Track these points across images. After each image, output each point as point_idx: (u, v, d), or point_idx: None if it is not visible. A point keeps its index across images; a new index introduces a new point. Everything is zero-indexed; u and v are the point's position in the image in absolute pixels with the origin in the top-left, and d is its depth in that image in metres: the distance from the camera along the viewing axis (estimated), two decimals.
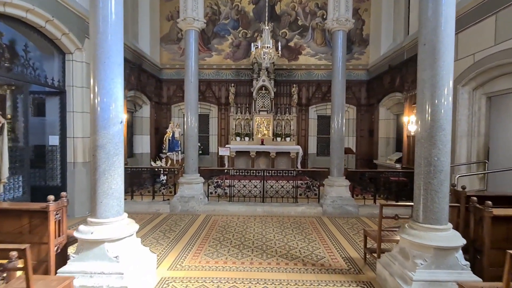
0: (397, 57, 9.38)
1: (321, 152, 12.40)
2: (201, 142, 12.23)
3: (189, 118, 7.67)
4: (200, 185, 7.70)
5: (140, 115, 10.86)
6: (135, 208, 7.48)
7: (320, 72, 11.90)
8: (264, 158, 11.24)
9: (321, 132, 12.37)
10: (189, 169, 7.67)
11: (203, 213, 7.36)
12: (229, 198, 7.82)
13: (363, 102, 11.88)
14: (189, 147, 7.68)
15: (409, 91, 8.44)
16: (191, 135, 7.68)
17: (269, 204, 7.59)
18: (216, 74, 11.99)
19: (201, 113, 12.21)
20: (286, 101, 11.94)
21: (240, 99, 11.94)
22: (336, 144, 7.59)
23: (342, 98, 7.58)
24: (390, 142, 10.60)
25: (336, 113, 7.58)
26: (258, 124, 11.42)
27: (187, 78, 7.65)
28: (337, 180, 7.53)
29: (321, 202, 7.61)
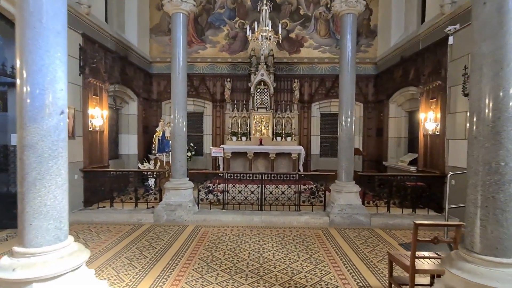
0: (411, 48, 8.43)
1: (325, 153, 11.44)
2: (195, 142, 11.30)
3: (177, 115, 6.70)
4: (189, 191, 6.73)
5: (126, 112, 9.90)
6: (114, 218, 6.51)
7: (324, 66, 10.95)
8: (262, 160, 10.27)
9: (325, 131, 11.41)
10: (176, 172, 6.71)
11: (192, 223, 6.39)
12: (223, 206, 6.86)
13: (370, 98, 10.92)
14: (177, 148, 6.71)
15: (426, 84, 7.48)
16: (178, 134, 6.72)
17: (267, 213, 6.63)
18: (211, 68, 11.03)
19: (195, 111, 11.30)
20: (287, 97, 10.99)
21: (236, 95, 10.99)
22: (345, 144, 6.64)
23: (352, 92, 6.62)
24: (401, 142, 9.64)
25: (345, 110, 6.62)
26: (256, 123, 10.46)
27: (174, 70, 6.68)
28: (346, 186, 6.57)
29: (327, 211, 6.65)
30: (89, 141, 7.13)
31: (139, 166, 9.54)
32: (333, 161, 11.15)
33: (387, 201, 6.80)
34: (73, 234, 5.52)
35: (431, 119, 7.19)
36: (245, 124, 10.64)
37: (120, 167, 9.42)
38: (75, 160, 6.67)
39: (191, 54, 10.93)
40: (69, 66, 6.77)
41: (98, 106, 7.49)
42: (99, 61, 7.49)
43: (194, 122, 11.51)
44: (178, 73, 6.66)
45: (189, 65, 10.92)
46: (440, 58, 6.96)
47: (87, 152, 7.03)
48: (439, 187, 6.78)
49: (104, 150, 7.83)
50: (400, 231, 6.02)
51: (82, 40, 6.90)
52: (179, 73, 6.67)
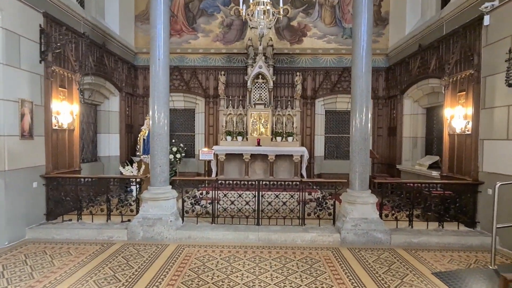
0: (431, 34, 7.30)
1: (330, 155, 10.31)
2: (186, 143, 10.19)
3: (156, 110, 5.57)
4: (171, 201, 5.59)
5: (106, 108, 8.75)
6: (79, 235, 5.37)
7: (329, 58, 9.82)
8: (260, 162, 9.13)
9: (330, 131, 10.28)
10: (156, 179, 5.57)
11: (174, 242, 5.26)
12: (212, 219, 5.72)
13: (381, 94, 9.80)
14: (156, 150, 5.57)
15: (453, 75, 6.36)
16: (158, 133, 5.59)
17: (266, 228, 5.50)
18: (203, 60, 9.89)
19: (185, 108, 10.19)
20: (288, 92, 9.86)
21: (231, 90, 9.85)
22: (359, 146, 5.51)
23: (367, 85, 5.50)
24: (418, 143, 8.52)
25: (359, 106, 5.51)
26: (254, 121, 9.33)
27: (153, 55, 5.54)
28: (360, 196, 5.45)
29: (337, 226, 5.52)
30: (53, 142, 5.99)
31: (121, 170, 8.41)
32: (339, 164, 10.07)
33: (409, 214, 5.68)
34: (21, 259, 4.41)
35: (459, 115, 6.06)
36: (241, 122, 9.51)
37: (98, 171, 8.29)
38: (34, 164, 5.53)
39: (181, 45, 9.81)
40: (26, 50, 5.37)
41: (67, 100, 6.35)
42: (67, 47, 6.35)
43: (184, 120, 10.40)
44: (158, 59, 5.52)
45: (179, 57, 9.85)
46: (472, 42, 5.84)
47: (50, 154, 5.89)
48: (471, 197, 5.66)
49: (75, 152, 6.68)
50: (428, 253, 4.89)
51: (44, 20, 5.75)
52: (160, 59, 5.53)
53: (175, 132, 10.31)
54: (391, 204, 5.77)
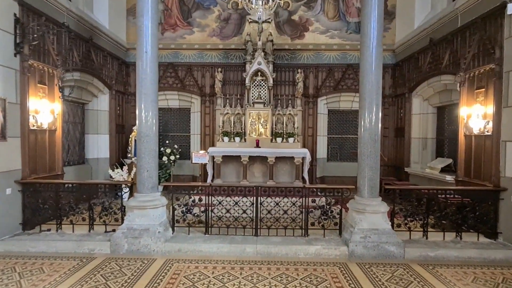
0: (444, 27, 6.76)
1: (333, 157, 9.77)
2: (180, 144, 9.65)
3: (144, 109, 5.03)
4: (159, 210, 5.04)
5: (95, 107, 8.20)
6: (57, 247, 4.82)
7: (332, 54, 9.27)
8: (259, 165, 8.58)
9: (333, 131, 9.74)
10: (143, 185, 5.02)
11: (162, 255, 4.70)
12: (206, 229, 5.17)
13: (387, 92, 9.25)
14: (143, 153, 5.02)
15: (470, 70, 5.81)
16: (146, 134, 5.03)
17: (265, 240, 4.95)
18: (199, 56, 9.34)
19: (180, 107, 9.65)
20: (289, 90, 9.32)
21: (229, 88, 9.31)
22: (368, 148, 4.96)
23: (377, 82, 4.95)
24: (428, 144, 7.97)
25: (368, 103, 4.95)
26: (253, 121, 8.78)
27: (140, 47, 5.01)
28: (370, 204, 4.89)
29: (344, 237, 4.96)
30: (31, 144, 5.45)
31: (110, 173, 7.86)
32: (342, 166, 9.53)
33: (423, 223, 5.13)
34: None
35: (478, 115, 5.51)
36: (239, 122, 8.96)
37: (86, 175, 7.75)
38: (7, 168, 4.99)
39: (175, 40, 9.27)
40: None
41: (47, 98, 5.80)
42: (47, 40, 5.80)
43: (179, 120, 9.86)
44: (146, 52, 4.98)
45: (174, 53, 9.30)
46: (492, 34, 5.29)
47: (28, 157, 5.34)
48: (492, 205, 5.11)
49: (57, 155, 6.14)
50: (448, 269, 4.35)
51: (20, 9, 5.21)
52: (147, 52, 4.99)
53: (169, 133, 9.77)
54: (403, 213, 5.22)
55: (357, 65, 9.32)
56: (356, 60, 9.22)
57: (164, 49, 9.24)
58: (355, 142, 9.69)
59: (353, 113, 9.67)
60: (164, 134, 9.77)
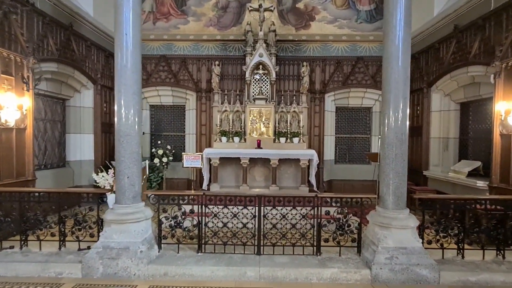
0: (472, 11, 5.92)
1: (341, 158, 8.93)
2: (174, 144, 8.83)
3: (123, 105, 4.20)
4: (142, 224, 4.19)
5: (77, 104, 7.35)
6: (18, 270, 3.97)
7: (341, 46, 8.44)
8: (261, 168, 7.75)
9: (342, 130, 8.91)
10: (122, 195, 4.17)
11: (145, 281, 3.86)
12: (198, 247, 4.33)
13: None
14: (123, 156, 4.18)
15: (508, 58, 4.97)
16: (126, 134, 4.20)
17: (269, 260, 4.11)
18: (194, 48, 8.50)
19: (174, 104, 8.82)
20: (293, 86, 8.48)
21: (227, 83, 8.47)
22: (393, 151, 4.12)
23: (405, 69, 4.10)
24: (449, 145, 7.13)
25: (393, 97, 4.12)
26: (253, 119, 7.94)
27: (119, 30, 4.18)
28: (396, 217, 4.06)
29: (365, 257, 4.12)
30: None
31: (94, 177, 7.02)
32: (352, 169, 8.69)
33: (458, 239, 4.29)
34: None
35: None
36: (238, 120, 8.12)
37: (66, 179, 6.90)
38: None
39: (168, 30, 8.43)
40: None
41: (14, 91, 4.96)
42: (13, 23, 4.96)
43: (173, 118, 9.03)
44: (125, 34, 4.14)
45: (166, 45, 8.47)
46: None
47: None
48: None
49: (27, 157, 5.29)
50: None
51: None
52: (127, 34, 4.15)
53: (162, 132, 8.94)
54: (434, 227, 4.37)
55: (368, 58, 8.57)
56: (367, 52, 8.41)
57: (156, 40, 8.42)
58: (365, 142, 8.88)
59: (363, 110, 8.86)
60: (157, 134, 8.94)
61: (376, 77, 8.35)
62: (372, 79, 8.34)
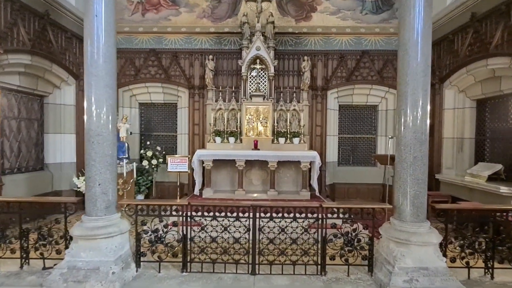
0: None
1: (345, 160, 8.31)
2: (166, 145, 8.22)
3: (94, 99, 3.55)
4: (116, 240, 3.56)
5: (57, 101, 6.72)
6: None
7: (345, 39, 7.81)
8: (258, 171, 7.13)
9: (345, 130, 8.28)
10: (93, 205, 3.55)
11: None
12: (183, 265, 3.71)
13: None
14: (93, 160, 3.55)
15: None
16: (97, 134, 3.56)
17: (266, 282, 3.49)
18: (187, 41, 7.88)
19: (165, 102, 8.23)
20: (293, 82, 7.86)
21: (222, 80, 7.85)
22: (411, 153, 3.52)
23: (426, 57, 3.51)
24: (464, 146, 6.51)
25: (411, 89, 3.55)
26: (250, 118, 7.32)
27: (89, 10, 3.53)
28: (416, 231, 3.43)
29: (378, 278, 3.50)
30: None
31: (75, 181, 6.41)
32: (356, 171, 8.06)
33: (487, 256, 3.67)
34: None
35: None
36: (233, 119, 7.50)
37: (44, 184, 6.28)
38: None
39: (158, 22, 7.80)
40: None
41: None
42: None
43: (164, 117, 8.40)
44: (95, 16, 3.50)
45: (156, 38, 7.85)
46: None
47: None
48: None
49: None
50: None
51: None
52: (98, 16, 3.51)
53: (152, 132, 8.32)
54: (458, 242, 3.76)
55: (374, 52, 7.93)
56: (373, 46, 7.79)
57: (145, 33, 7.79)
58: (370, 143, 8.27)
59: (368, 108, 8.24)
60: (147, 134, 8.31)
61: (383, 72, 7.74)
62: (378, 75, 7.72)
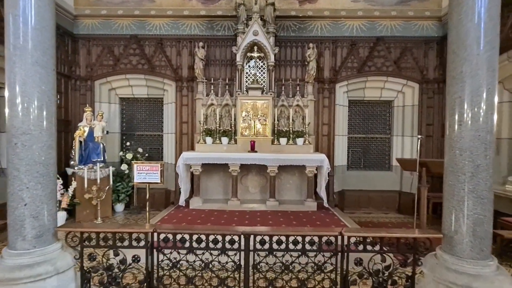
0: None
1: (355, 163, 7.26)
2: (150, 146, 7.21)
3: (17, 82, 2.49)
4: (51, 282, 2.50)
5: None
6: None
7: (356, 23, 6.76)
8: (256, 177, 6.10)
9: (356, 129, 7.24)
10: (18, 235, 2.49)
11: None
12: None
13: (430, 75, 6.74)
14: (17, 169, 2.50)
15: None
16: (23, 132, 2.51)
17: None
18: (173, 26, 6.82)
19: (149, 96, 7.24)
20: (296, 73, 6.81)
21: (214, 70, 6.80)
22: (473, 161, 2.46)
23: (494, 29, 2.44)
24: (501, 148, 5.47)
25: (470, 71, 2.47)
26: (246, 114, 6.28)
27: None
28: (479, 273, 2.38)
29: None
30: None
31: None
32: (368, 177, 6.99)
33: None
34: None
35: None
36: (227, 116, 6.46)
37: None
38: None
39: (140, 4, 6.77)
40: None
41: None
42: None
43: (149, 114, 7.36)
44: None
45: (138, 22, 6.80)
46: None
47: None
48: None
49: None
50: None
51: None
52: None
53: (135, 132, 7.27)
54: None
55: (390, 39, 6.84)
56: (389, 31, 6.74)
57: (125, 17, 6.74)
58: (384, 144, 7.23)
59: (382, 104, 7.20)
60: (129, 134, 7.27)
61: (400, 62, 6.69)
62: (395, 65, 6.67)
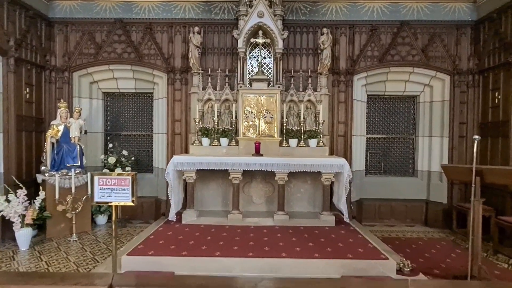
0: None
1: (374, 168, 6.31)
2: (139, 148, 6.26)
3: None
4: None
5: None
6: None
7: (377, 5, 5.82)
8: (261, 185, 5.13)
9: (375, 129, 6.30)
10: None
11: None
12: None
13: (464, 66, 5.79)
14: None
15: None
16: None
17: None
18: (165, 9, 5.87)
19: (137, 91, 6.34)
20: (307, 63, 5.86)
21: (212, 60, 5.86)
22: None
23: None
24: None
25: None
26: (249, 111, 5.33)
27: None
28: None
29: None
30: None
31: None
32: (389, 183, 5.98)
33: None
34: None
35: None
36: (227, 113, 5.52)
37: None
38: None
39: None
40: None
41: None
42: None
43: (137, 111, 6.42)
44: None
45: (124, 4, 5.84)
46: None
47: None
48: None
49: None
50: None
51: None
52: None
53: (121, 131, 6.33)
54: None
55: (416, 23, 5.73)
56: (415, 15, 5.81)
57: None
58: (407, 145, 6.31)
59: (406, 100, 6.27)
60: (114, 134, 6.32)
61: (428, 50, 5.75)
62: (422, 54, 5.73)
